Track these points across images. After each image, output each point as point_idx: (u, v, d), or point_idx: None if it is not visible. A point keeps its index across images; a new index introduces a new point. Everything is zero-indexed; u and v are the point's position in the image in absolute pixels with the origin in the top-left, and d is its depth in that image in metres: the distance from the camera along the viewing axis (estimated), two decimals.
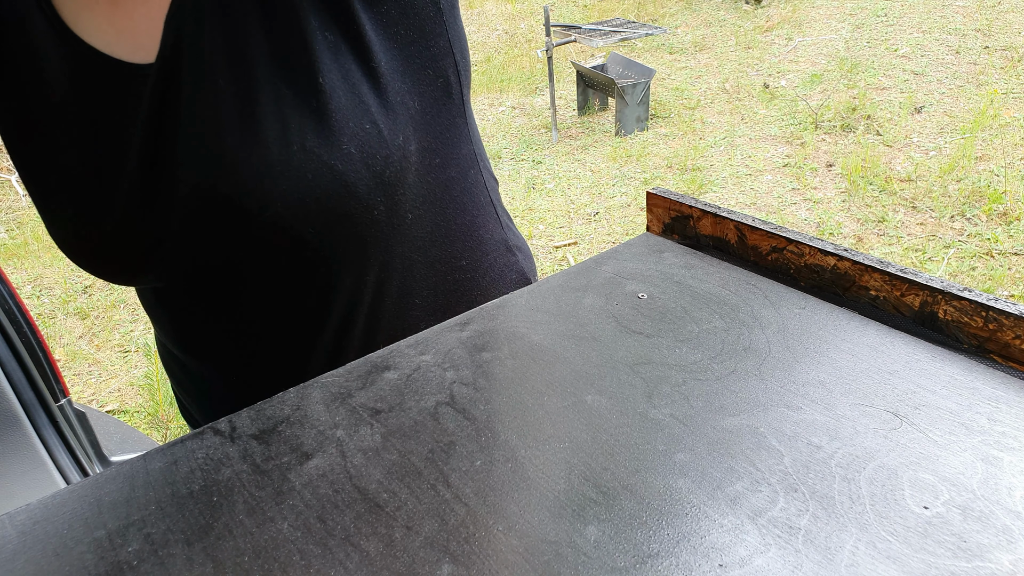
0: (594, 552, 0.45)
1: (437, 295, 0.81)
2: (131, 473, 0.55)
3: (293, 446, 0.56)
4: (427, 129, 0.72)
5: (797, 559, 0.43)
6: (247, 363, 0.77)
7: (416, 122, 0.70)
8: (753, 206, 3.25)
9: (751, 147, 3.76)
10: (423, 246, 0.77)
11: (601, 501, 0.48)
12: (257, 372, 0.77)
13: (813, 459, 0.51)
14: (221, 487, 0.53)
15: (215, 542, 0.49)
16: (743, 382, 0.59)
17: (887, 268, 0.65)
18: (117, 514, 0.52)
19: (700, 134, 4.00)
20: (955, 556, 0.43)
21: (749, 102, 4.33)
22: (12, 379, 1.21)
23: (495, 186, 0.90)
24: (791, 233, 0.72)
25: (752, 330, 0.65)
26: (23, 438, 1.20)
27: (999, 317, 0.59)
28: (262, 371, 0.77)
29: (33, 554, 0.49)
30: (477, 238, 0.84)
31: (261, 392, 0.64)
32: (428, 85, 0.71)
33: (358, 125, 0.64)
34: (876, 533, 0.45)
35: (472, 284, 0.84)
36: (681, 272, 0.76)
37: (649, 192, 0.85)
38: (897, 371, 0.59)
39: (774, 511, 0.47)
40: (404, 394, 0.60)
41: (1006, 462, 0.49)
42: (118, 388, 2.48)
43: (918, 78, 4.34)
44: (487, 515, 0.48)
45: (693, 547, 0.45)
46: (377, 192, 0.67)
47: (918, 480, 0.48)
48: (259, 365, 0.77)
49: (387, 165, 0.67)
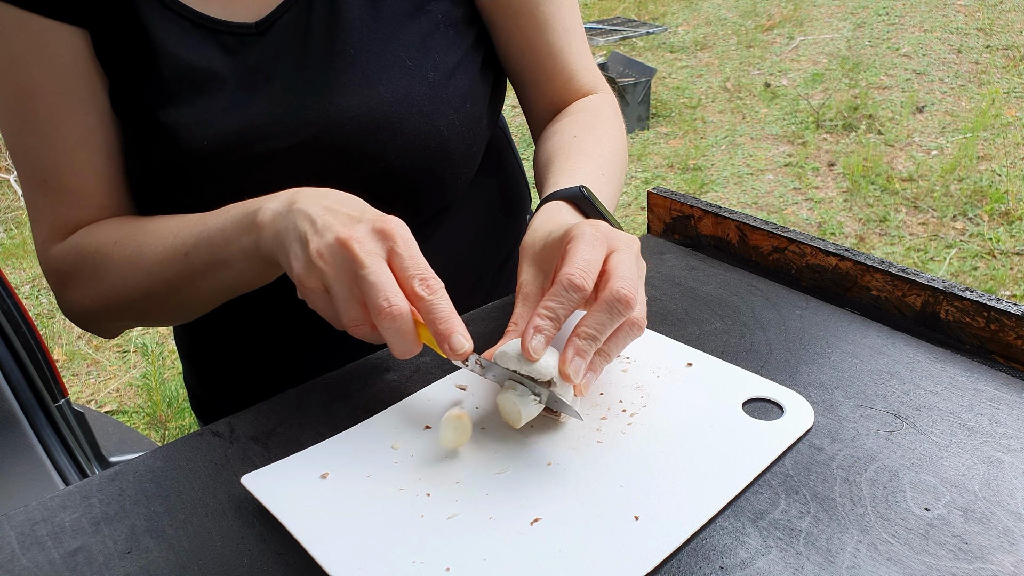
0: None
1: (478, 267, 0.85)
2: (130, 474, 0.55)
3: (293, 447, 0.56)
4: (492, 120, 0.81)
5: (798, 561, 0.43)
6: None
7: (490, 111, 0.80)
8: (754, 206, 3.25)
9: (752, 146, 3.76)
10: (471, 230, 0.83)
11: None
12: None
13: (814, 461, 0.50)
14: (221, 488, 0.53)
15: (215, 542, 0.48)
16: None
17: (889, 268, 0.65)
18: (116, 515, 0.51)
19: (701, 133, 4.00)
20: (956, 558, 0.43)
21: (750, 101, 4.32)
22: (11, 379, 1.21)
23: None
24: (792, 233, 0.72)
25: (753, 331, 0.65)
26: (22, 438, 1.20)
27: (1001, 318, 0.59)
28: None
29: (33, 554, 0.49)
30: (514, 226, 0.90)
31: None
32: (493, 81, 0.81)
33: (462, 102, 0.73)
34: (877, 535, 0.44)
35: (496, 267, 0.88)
36: (682, 274, 0.75)
37: (650, 192, 0.85)
38: (898, 372, 0.58)
39: (775, 513, 0.47)
40: (404, 396, 0.60)
41: (1008, 464, 0.49)
42: (117, 389, 2.48)
43: (920, 77, 4.34)
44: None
45: (694, 549, 0.45)
46: (465, 164, 0.76)
47: (919, 482, 0.48)
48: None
49: (475, 141, 0.76)
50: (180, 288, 0.66)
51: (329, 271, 0.52)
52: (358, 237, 0.52)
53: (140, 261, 0.66)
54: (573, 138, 0.75)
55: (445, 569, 0.44)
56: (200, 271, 0.63)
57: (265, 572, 0.46)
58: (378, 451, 0.54)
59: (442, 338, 0.52)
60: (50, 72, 0.67)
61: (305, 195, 0.57)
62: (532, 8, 0.77)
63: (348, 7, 0.69)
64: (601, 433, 0.53)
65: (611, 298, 0.51)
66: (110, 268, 0.68)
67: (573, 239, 0.54)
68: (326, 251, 0.52)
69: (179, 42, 0.67)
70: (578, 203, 0.65)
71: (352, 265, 0.51)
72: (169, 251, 0.64)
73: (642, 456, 0.51)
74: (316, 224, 0.54)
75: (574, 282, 0.51)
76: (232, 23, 0.68)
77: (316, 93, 0.68)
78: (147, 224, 0.68)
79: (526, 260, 0.60)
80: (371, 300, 0.51)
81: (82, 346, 2.69)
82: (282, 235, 0.56)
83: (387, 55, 0.69)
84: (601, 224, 0.56)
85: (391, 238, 0.53)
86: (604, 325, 0.51)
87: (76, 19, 0.66)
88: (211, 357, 0.86)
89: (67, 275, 0.72)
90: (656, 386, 0.58)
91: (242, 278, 0.63)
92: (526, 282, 0.59)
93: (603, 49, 5.30)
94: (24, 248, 3.48)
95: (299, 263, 0.54)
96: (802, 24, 5.54)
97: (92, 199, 0.71)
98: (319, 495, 0.50)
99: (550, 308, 0.52)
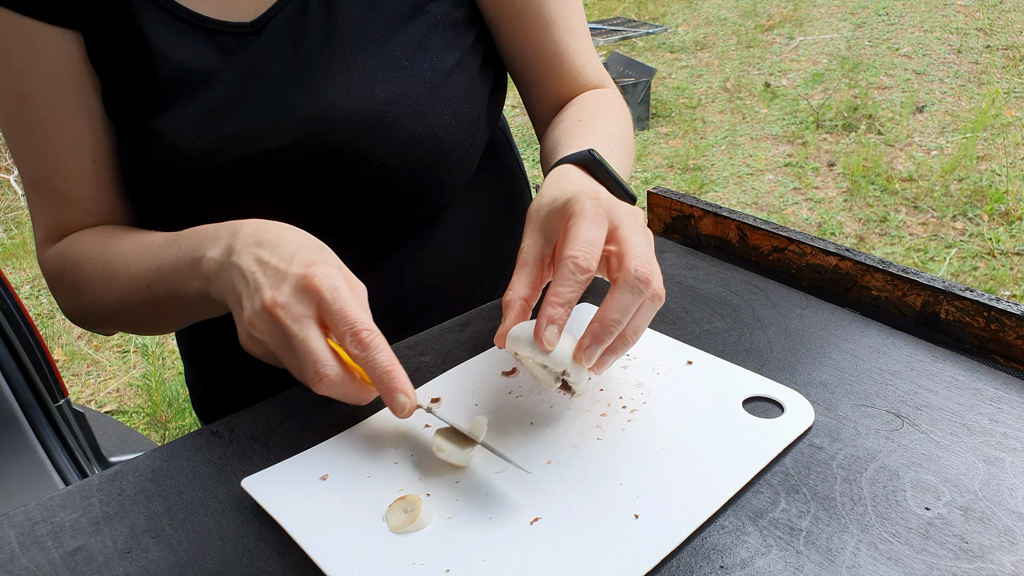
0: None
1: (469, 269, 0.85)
2: (130, 474, 0.55)
3: (293, 447, 0.56)
4: (491, 121, 0.81)
5: (798, 560, 0.43)
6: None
7: (489, 112, 0.80)
8: (754, 205, 3.25)
9: (752, 146, 3.76)
10: (469, 224, 0.83)
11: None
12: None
13: (815, 460, 0.50)
14: (221, 488, 0.53)
15: (215, 542, 0.48)
16: None
17: (889, 268, 0.65)
18: (116, 515, 0.51)
19: (701, 133, 4.00)
20: (956, 557, 0.43)
21: (750, 101, 4.32)
22: (11, 379, 1.21)
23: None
24: (792, 233, 0.72)
25: (753, 331, 0.65)
26: (22, 439, 1.20)
27: (1001, 317, 0.59)
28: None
29: (33, 554, 0.49)
30: (512, 229, 0.90)
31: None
32: (493, 82, 0.81)
33: (459, 103, 0.73)
34: (877, 534, 0.44)
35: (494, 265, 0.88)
36: (682, 273, 0.75)
37: (650, 192, 0.85)
38: (899, 372, 0.58)
39: (775, 512, 0.47)
40: None
41: (1008, 463, 0.49)
42: (117, 389, 2.48)
43: (920, 77, 4.34)
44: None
45: (694, 548, 0.45)
46: (462, 164, 0.75)
47: (920, 481, 0.48)
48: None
49: (472, 143, 0.76)
50: (149, 311, 0.66)
51: (266, 340, 0.52)
52: (282, 302, 0.51)
53: (109, 281, 0.67)
54: (579, 121, 0.74)
55: (445, 570, 0.44)
56: (164, 302, 0.64)
57: (265, 572, 0.46)
58: (378, 451, 0.54)
59: (384, 395, 0.51)
60: (41, 76, 0.67)
61: (242, 241, 0.56)
62: (538, 6, 0.76)
63: (345, 7, 0.69)
64: (601, 431, 0.53)
65: (631, 278, 0.50)
66: (84, 284, 0.69)
67: (574, 215, 0.53)
68: (257, 321, 0.52)
69: (175, 43, 0.67)
70: (588, 166, 0.64)
71: (283, 332, 0.51)
72: (132, 279, 0.65)
73: (642, 454, 0.51)
74: (248, 285, 0.53)
75: (579, 264, 0.50)
76: (228, 23, 0.68)
77: (310, 92, 0.68)
78: (115, 244, 0.68)
79: (530, 226, 0.59)
80: (304, 372, 0.51)
81: (82, 346, 2.69)
82: (226, 293, 0.56)
83: (384, 55, 0.69)
84: (602, 195, 0.54)
85: (316, 294, 0.52)
86: (628, 307, 0.50)
87: (69, 22, 0.66)
88: (213, 357, 0.86)
89: (55, 281, 0.73)
90: (656, 383, 0.58)
91: (207, 310, 0.63)
92: (526, 247, 0.58)
93: (603, 49, 5.30)
94: (24, 248, 3.48)
95: (242, 332, 0.54)
96: (802, 24, 5.54)
97: (80, 203, 0.71)
98: (319, 497, 0.50)
99: (559, 294, 0.50)
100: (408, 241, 0.77)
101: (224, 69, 0.68)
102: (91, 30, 0.67)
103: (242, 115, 0.67)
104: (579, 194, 0.54)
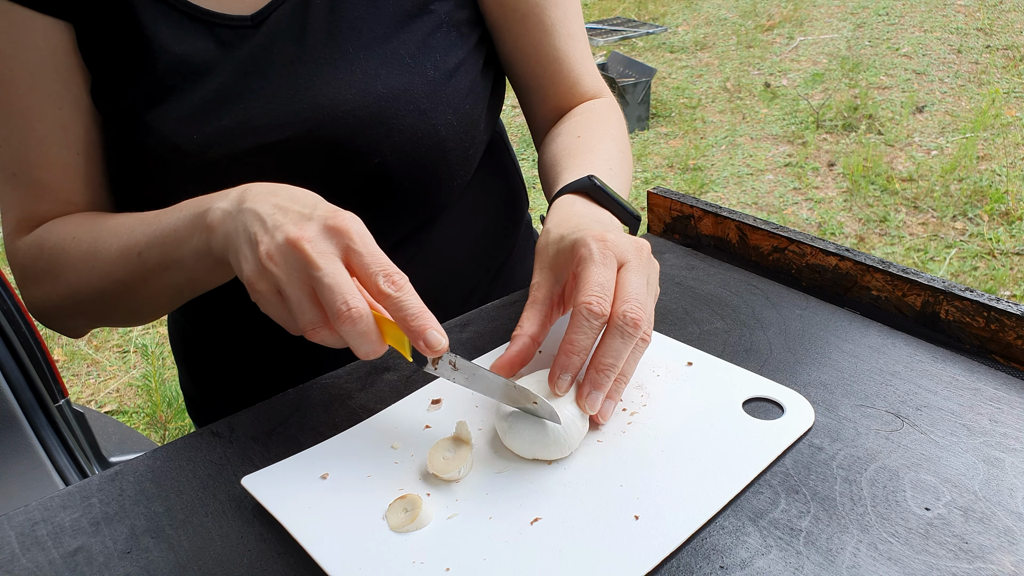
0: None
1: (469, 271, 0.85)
2: (130, 474, 0.55)
3: (293, 447, 0.56)
4: (491, 123, 0.81)
5: (798, 561, 0.43)
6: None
7: (489, 114, 0.80)
8: (754, 206, 3.25)
9: (752, 146, 3.76)
10: (467, 229, 0.83)
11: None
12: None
13: (814, 460, 0.50)
14: (221, 488, 0.53)
15: (215, 542, 0.48)
16: None
17: (889, 268, 0.65)
18: (116, 515, 0.51)
19: (701, 133, 3.99)
20: (956, 558, 0.43)
21: (750, 101, 4.32)
22: (11, 380, 1.21)
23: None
24: (792, 233, 0.72)
25: (753, 331, 0.65)
26: (22, 439, 1.20)
27: (1001, 318, 0.59)
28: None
29: (33, 554, 0.49)
30: (512, 230, 0.90)
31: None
32: (493, 84, 0.81)
33: (461, 102, 0.73)
34: (877, 534, 0.44)
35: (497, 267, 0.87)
36: (682, 273, 0.75)
37: (650, 192, 0.85)
38: (899, 372, 0.58)
39: (775, 512, 0.47)
40: (403, 396, 0.60)
41: (1008, 463, 0.49)
42: (117, 389, 2.48)
43: (920, 77, 4.34)
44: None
45: (694, 548, 0.45)
46: (462, 164, 0.75)
47: (920, 481, 0.48)
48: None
49: (472, 143, 0.76)
50: (133, 288, 0.65)
51: (281, 274, 0.50)
52: (309, 236, 0.50)
53: (95, 258, 0.65)
54: (577, 138, 0.75)
55: (445, 569, 0.44)
56: (153, 270, 0.62)
57: (265, 572, 0.46)
58: (378, 451, 0.54)
59: (416, 335, 0.49)
60: (27, 64, 0.66)
61: (255, 192, 0.55)
62: (539, 13, 0.77)
63: (349, 4, 0.69)
64: (601, 432, 0.53)
65: (621, 324, 0.51)
66: (66, 264, 0.67)
67: (583, 260, 0.54)
68: (276, 253, 0.50)
69: (173, 35, 0.66)
70: (590, 193, 0.65)
71: (305, 267, 0.49)
72: (123, 249, 0.63)
73: (642, 455, 0.51)
74: (266, 224, 0.52)
75: (593, 310, 0.51)
76: (227, 15, 0.67)
77: (311, 87, 0.67)
78: (105, 221, 0.67)
79: (539, 263, 0.60)
80: (329, 304, 0.49)
81: (82, 346, 2.69)
82: (232, 236, 0.54)
83: (387, 52, 0.69)
84: (608, 236, 0.55)
85: (346, 235, 0.51)
86: (620, 352, 0.52)
87: (62, 12, 0.65)
88: (207, 362, 0.86)
89: (27, 269, 0.71)
90: (656, 385, 0.58)
91: (196, 278, 0.61)
92: (537, 286, 0.59)
93: (603, 49, 5.30)
94: None
95: (249, 265, 0.52)
96: (802, 24, 5.54)
97: (59, 194, 0.70)
98: (319, 496, 0.50)
99: (574, 342, 0.52)
100: (407, 243, 0.77)
101: (222, 62, 0.67)
102: (84, 21, 0.66)
103: (240, 109, 0.67)
104: (585, 236, 0.56)
